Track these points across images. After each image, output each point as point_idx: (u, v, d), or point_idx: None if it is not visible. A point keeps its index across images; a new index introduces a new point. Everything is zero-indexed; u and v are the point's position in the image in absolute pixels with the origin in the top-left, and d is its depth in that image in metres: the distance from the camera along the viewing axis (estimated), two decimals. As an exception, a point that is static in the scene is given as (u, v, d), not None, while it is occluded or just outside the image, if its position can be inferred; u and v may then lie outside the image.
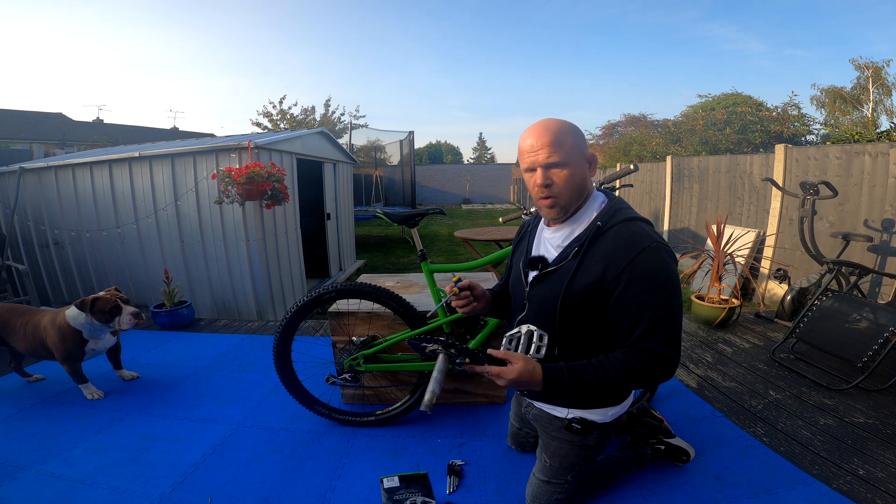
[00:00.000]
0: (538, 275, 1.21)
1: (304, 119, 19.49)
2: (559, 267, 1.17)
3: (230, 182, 3.53)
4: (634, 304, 1.06)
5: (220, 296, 4.20)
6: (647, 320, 1.06)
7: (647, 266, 1.06)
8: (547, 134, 1.11)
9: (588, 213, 1.19)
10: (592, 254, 1.12)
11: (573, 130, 1.14)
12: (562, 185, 1.13)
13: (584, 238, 1.14)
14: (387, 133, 14.99)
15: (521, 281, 1.29)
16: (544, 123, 1.14)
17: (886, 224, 3.28)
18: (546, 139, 1.11)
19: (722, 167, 5.45)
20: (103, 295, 2.12)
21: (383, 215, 1.94)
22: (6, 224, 4.41)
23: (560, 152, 1.11)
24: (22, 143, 11.64)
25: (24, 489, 1.57)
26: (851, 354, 2.18)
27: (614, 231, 1.12)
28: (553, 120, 1.15)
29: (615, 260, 1.07)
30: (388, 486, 1.54)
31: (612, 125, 16.77)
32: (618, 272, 1.07)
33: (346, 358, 1.83)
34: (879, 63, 14.16)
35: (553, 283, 1.18)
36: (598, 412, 1.26)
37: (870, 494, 1.46)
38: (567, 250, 1.17)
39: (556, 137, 1.11)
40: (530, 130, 1.15)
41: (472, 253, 5.54)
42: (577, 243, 1.16)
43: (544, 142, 1.11)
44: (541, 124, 1.14)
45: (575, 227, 1.19)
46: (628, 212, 1.16)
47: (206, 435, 1.88)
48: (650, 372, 1.07)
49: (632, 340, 1.08)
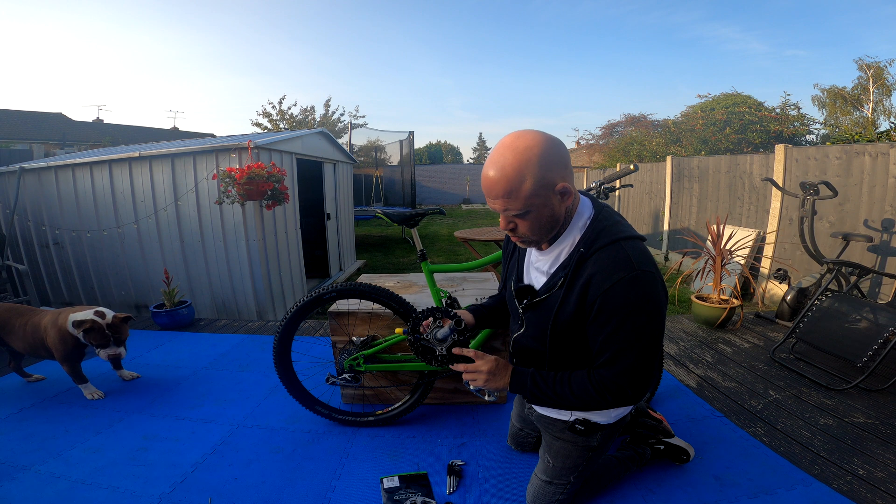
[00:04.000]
0: (528, 303, 1.21)
1: (304, 119, 19.50)
2: (548, 296, 1.15)
3: (231, 182, 3.53)
4: (603, 333, 1.05)
5: (220, 296, 4.20)
6: (612, 350, 1.05)
7: (620, 296, 1.01)
8: (501, 182, 1.00)
9: (572, 235, 1.12)
10: (576, 281, 1.08)
11: (534, 165, 0.99)
12: (526, 229, 1.08)
13: (568, 266, 1.10)
14: (387, 133, 15.01)
15: (513, 301, 1.29)
16: (500, 162, 1.00)
17: (886, 224, 3.28)
18: (500, 188, 1.01)
19: (722, 167, 5.46)
20: (101, 326, 2.09)
21: (383, 215, 1.94)
22: (6, 224, 4.41)
23: (517, 202, 1.01)
24: (22, 143, 11.64)
25: (24, 489, 1.57)
26: (851, 354, 2.18)
27: (595, 258, 1.06)
28: (510, 156, 1.00)
29: (592, 287, 1.05)
30: (388, 486, 1.54)
31: (612, 125, 16.77)
32: (593, 300, 1.04)
33: (345, 358, 1.83)
34: (882, 63, 14.15)
35: (543, 311, 1.17)
36: (601, 414, 1.26)
37: (870, 494, 1.45)
38: (553, 279, 1.14)
39: (510, 186, 1.00)
40: (488, 165, 1.03)
41: (472, 253, 5.54)
42: (562, 272, 1.12)
43: (498, 192, 1.01)
44: (496, 163, 1.01)
45: (560, 250, 1.15)
46: (613, 231, 1.08)
47: (206, 435, 1.88)
48: (602, 399, 1.08)
49: (595, 365, 1.10)
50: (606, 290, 1.02)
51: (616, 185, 1.90)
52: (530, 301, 1.19)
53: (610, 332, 1.04)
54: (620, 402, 1.09)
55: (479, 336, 1.82)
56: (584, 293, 1.06)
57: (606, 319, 1.04)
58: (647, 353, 1.06)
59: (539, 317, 1.18)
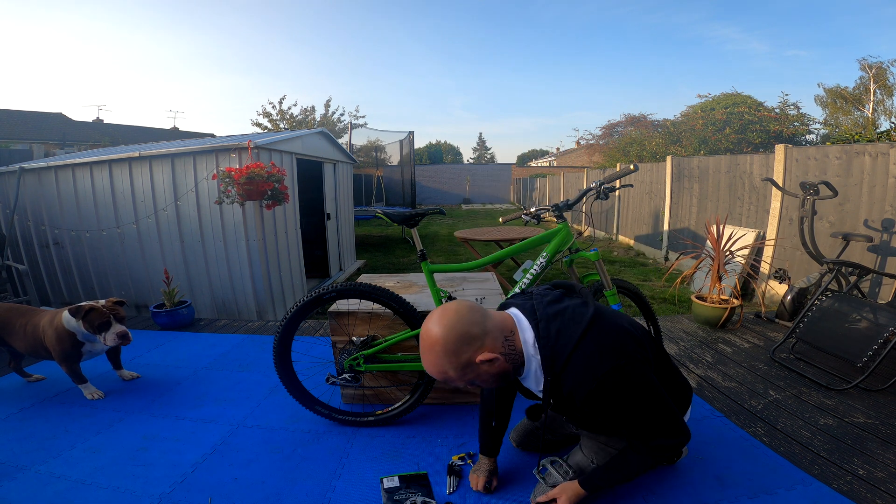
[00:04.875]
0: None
1: (304, 119, 19.50)
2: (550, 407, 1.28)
3: (231, 182, 3.53)
4: (611, 418, 1.19)
5: (220, 296, 4.20)
6: (628, 428, 1.19)
7: (604, 394, 1.10)
8: (435, 375, 1.12)
9: (534, 361, 1.15)
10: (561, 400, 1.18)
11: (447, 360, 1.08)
12: (485, 387, 1.21)
13: (546, 393, 1.17)
14: (387, 133, 15.00)
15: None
16: (425, 360, 1.12)
17: (886, 224, 3.28)
18: (439, 378, 1.14)
19: (722, 167, 5.45)
20: (99, 307, 2.10)
21: (383, 215, 1.94)
22: (6, 224, 4.41)
23: (457, 382, 1.14)
24: (22, 143, 11.64)
25: (24, 489, 1.57)
26: (851, 354, 2.18)
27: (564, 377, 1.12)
28: (429, 356, 1.10)
29: (576, 395, 1.11)
30: (388, 486, 1.54)
31: (612, 125, 16.78)
32: (582, 400, 1.11)
33: (346, 358, 1.83)
34: (884, 63, 14.15)
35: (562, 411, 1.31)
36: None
37: (870, 494, 1.45)
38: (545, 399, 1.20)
39: (443, 377, 1.12)
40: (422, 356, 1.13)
41: (472, 253, 5.54)
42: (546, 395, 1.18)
43: (435, 375, 1.13)
44: (424, 360, 1.12)
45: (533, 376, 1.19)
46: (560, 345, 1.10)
47: (206, 435, 1.88)
48: (655, 459, 1.22)
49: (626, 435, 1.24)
50: (590, 396, 1.10)
51: (616, 185, 1.90)
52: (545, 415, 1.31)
53: (616, 417, 1.17)
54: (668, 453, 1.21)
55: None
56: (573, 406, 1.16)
57: (607, 410, 1.15)
58: (655, 414, 1.15)
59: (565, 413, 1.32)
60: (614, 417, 1.17)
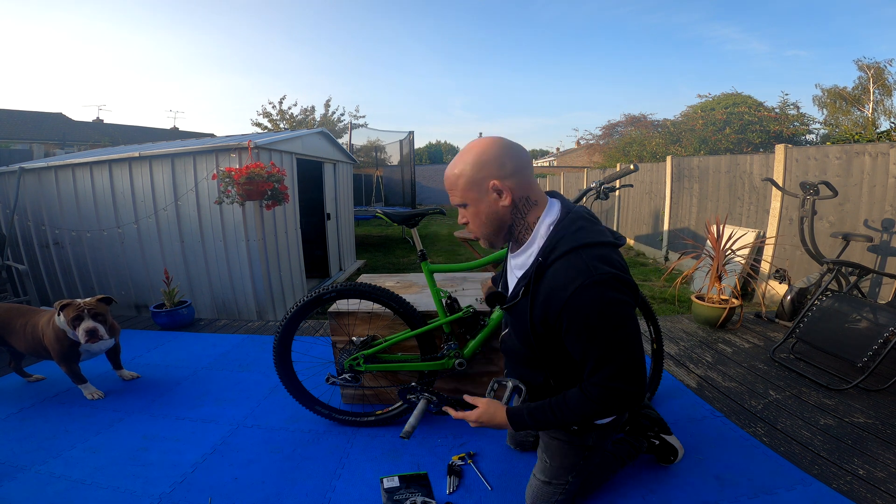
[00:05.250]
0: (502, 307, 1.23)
1: (304, 119, 19.50)
2: (516, 303, 1.16)
3: (230, 182, 3.52)
4: (579, 343, 1.05)
5: (220, 296, 4.20)
6: (593, 359, 1.05)
7: (582, 305, 1.01)
8: (448, 177, 1.13)
9: (536, 242, 1.14)
10: (538, 292, 1.09)
11: (468, 164, 1.09)
12: (472, 222, 1.16)
13: (528, 276, 1.11)
14: (387, 133, 15.01)
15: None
16: (451, 163, 1.14)
17: (886, 224, 3.28)
18: (448, 182, 1.14)
19: (722, 167, 5.45)
20: (75, 303, 2.09)
21: (383, 215, 1.94)
22: (6, 224, 4.41)
23: (456, 193, 1.13)
24: (22, 143, 11.64)
25: (24, 489, 1.57)
26: (851, 354, 2.18)
27: (553, 269, 1.06)
28: (461, 153, 1.13)
29: (552, 301, 1.04)
30: (388, 486, 1.54)
31: (612, 125, 16.78)
32: (557, 313, 1.04)
33: (346, 358, 1.82)
34: (882, 63, 14.15)
35: (516, 316, 1.18)
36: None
37: (870, 494, 1.46)
38: (517, 287, 1.16)
39: (455, 181, 1.12)
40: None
41: (472, 253, 5.53)
42: (523, 281, 1.13)
43: (449, 184, 1.14)
44: (451, 163, 1.14)
45: (527, 256, 1.16)
46: (571, 239, 1.07)
47: (206, 435, 1.88)
48: (605, 405, 1.08)
49: (585, 375, 1.09)
50: (567, 303, 1.02)
51: (616, 185, 1.90)
52: (501, 306, 1.22)
53: (585, 344, 1.04)
54: (623, 403, 1.07)
55: (478, 336, 1.82)
56: (547, 307, 1.06)
57: (578, 332, 1.04)
58: (630, 351, 1.05)
59: (517, 320, 1.18)
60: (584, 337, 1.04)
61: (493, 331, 1.84)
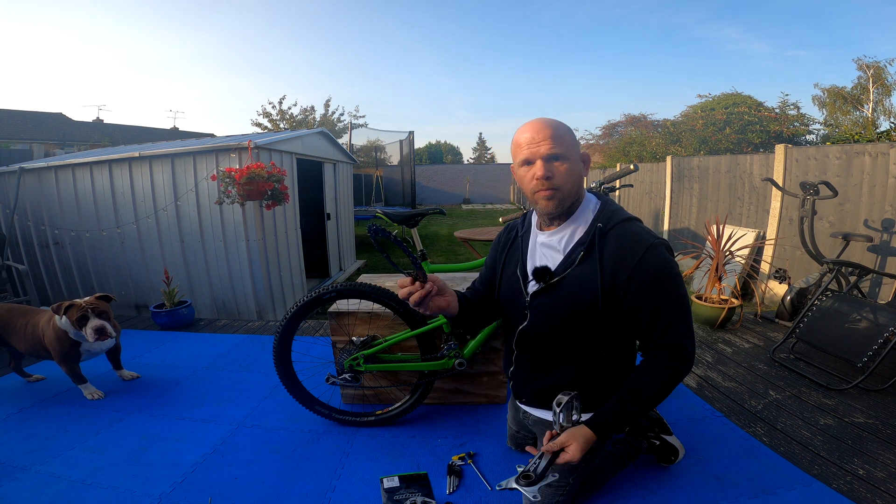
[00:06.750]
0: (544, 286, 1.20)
1: (304, 119, 19.52)
2: (566, 274, 1.17)
3: (231, 182, 3.53)
4: (649, 304, 1.10)
5: (220, 296, 4.20)
6: (665, 318, 1.11)
7: (654, 265, 1.09)
8: (547, 128, 1.14)
9: (585, 215, 1.20)
10: (599, 257, 1.13)
11: (570, 129, 1.19)
12: (562, 177, 1.14)
13: (586, 241, 1.16)
14: (387, 133, 15.03)
15: (519, 291, 1.28)
16: (543, 119, 1.17)
17: (886, 224, 3.28)
18: (547, 132, 1.14)
19: (722, 167, 5.45)
20: (78, 303, 2.08)
21: (383, 215, 1.94)
22: (6, 224, 4.41)
23: (561, 145, 1.14)
24: (22, 143, 11.63)
25: (24, 489, 1.57)
26: (851, 354, 2.18)
27: (616, 232, 1.14)
28: (549, 118, 1.19)
29: (624, 262, 1.10)
30: (388, 486, 1.54)
31: (612, 125, 16.77)
32: (628, 274, 1.10)
33: (346, 358, 1.82)
34: (882, 63, 14.13)
35: (561, 291, 1.18)
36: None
37: (870, 494, 1.45)
38: (571, 255, 1.18)
39: (555, 132, 1.14)
40: (529, 125, 1.17)
41: (472, 253, 5.53)
42: (580, 247, 1.16)
43: (546, 134, 1.14)
44: (540, 120, 1.17)
45: (574, 228, 1.20)
46: (624, 212, 1.19)
47: (206, 435, 1.88)
48: (675, 371, 1.12)
49: (653, 338, 1.13)
50: (641, 259, 1.09)
51: (616, 185, 1.90)
52: (547, 282, 1.20)
53: (656, 303, 1.10)
54: (687, 362, 1.13)
55: (478, 336, 1.82)
56: (613, 271, 1.11)
57: (647, 293, 1.10)
58: (689, 310, 1.15)
59: (557, 299, 1.19)
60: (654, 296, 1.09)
61: (493, 331, 1.84)
